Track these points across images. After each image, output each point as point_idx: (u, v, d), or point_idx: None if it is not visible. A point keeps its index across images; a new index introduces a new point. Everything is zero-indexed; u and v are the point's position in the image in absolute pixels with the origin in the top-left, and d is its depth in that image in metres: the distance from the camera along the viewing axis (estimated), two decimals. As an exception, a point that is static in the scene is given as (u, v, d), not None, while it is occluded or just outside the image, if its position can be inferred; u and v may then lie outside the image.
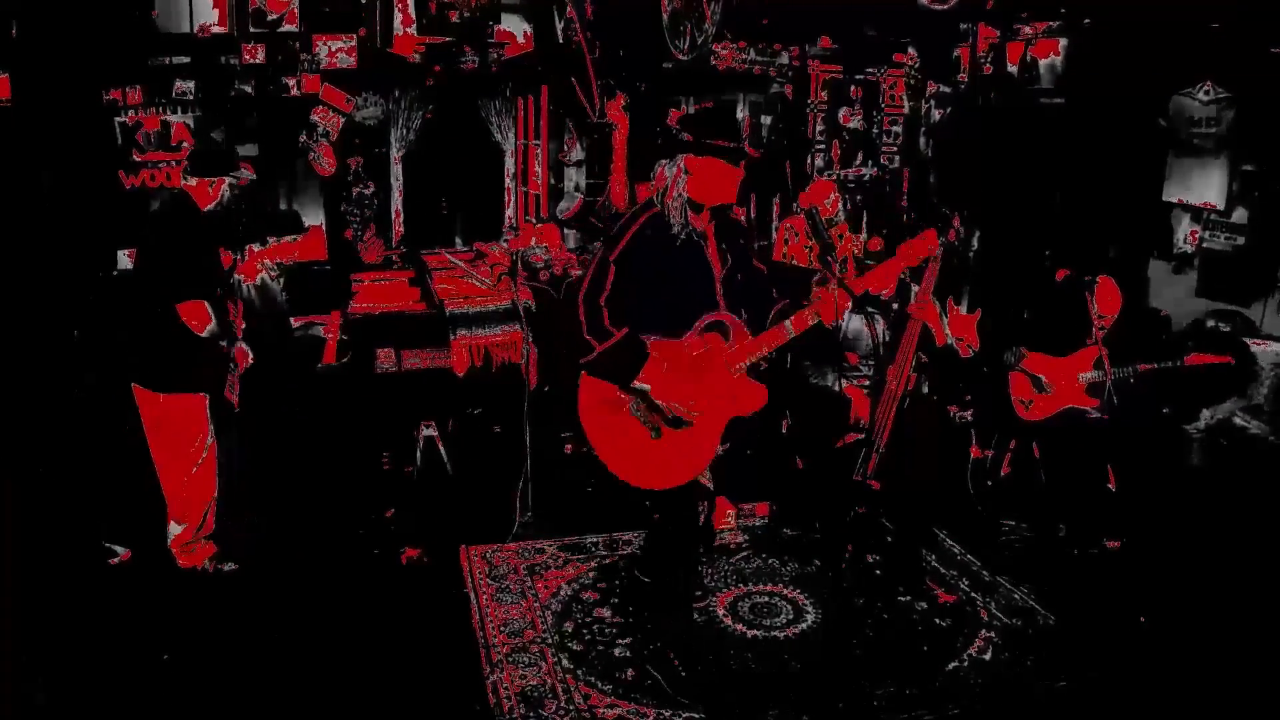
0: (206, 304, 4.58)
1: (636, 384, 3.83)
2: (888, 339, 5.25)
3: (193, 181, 4.76)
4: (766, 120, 8.51)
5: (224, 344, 4.70)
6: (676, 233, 3.87)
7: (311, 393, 6.05)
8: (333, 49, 7.21)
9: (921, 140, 8.76)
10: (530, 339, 5.92)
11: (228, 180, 4.78)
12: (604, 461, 3.97)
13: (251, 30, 7.07)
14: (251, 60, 7.09)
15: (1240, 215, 6.48)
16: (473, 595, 4.81)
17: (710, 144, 3.80)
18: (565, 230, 7.83)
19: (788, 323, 3.88)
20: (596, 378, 3.91)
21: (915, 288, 4.86)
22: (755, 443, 4.20)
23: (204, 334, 4.61)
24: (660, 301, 3.86)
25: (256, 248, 4.98)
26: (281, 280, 5.53)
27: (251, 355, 4.80)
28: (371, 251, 7.59)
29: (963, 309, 7.47)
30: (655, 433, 3.91)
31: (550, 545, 5.35)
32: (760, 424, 4.11)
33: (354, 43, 7.24)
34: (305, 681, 4.13)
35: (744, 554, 5.27)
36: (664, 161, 3.89)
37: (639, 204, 4.03)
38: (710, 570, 5.06)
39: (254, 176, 5.01)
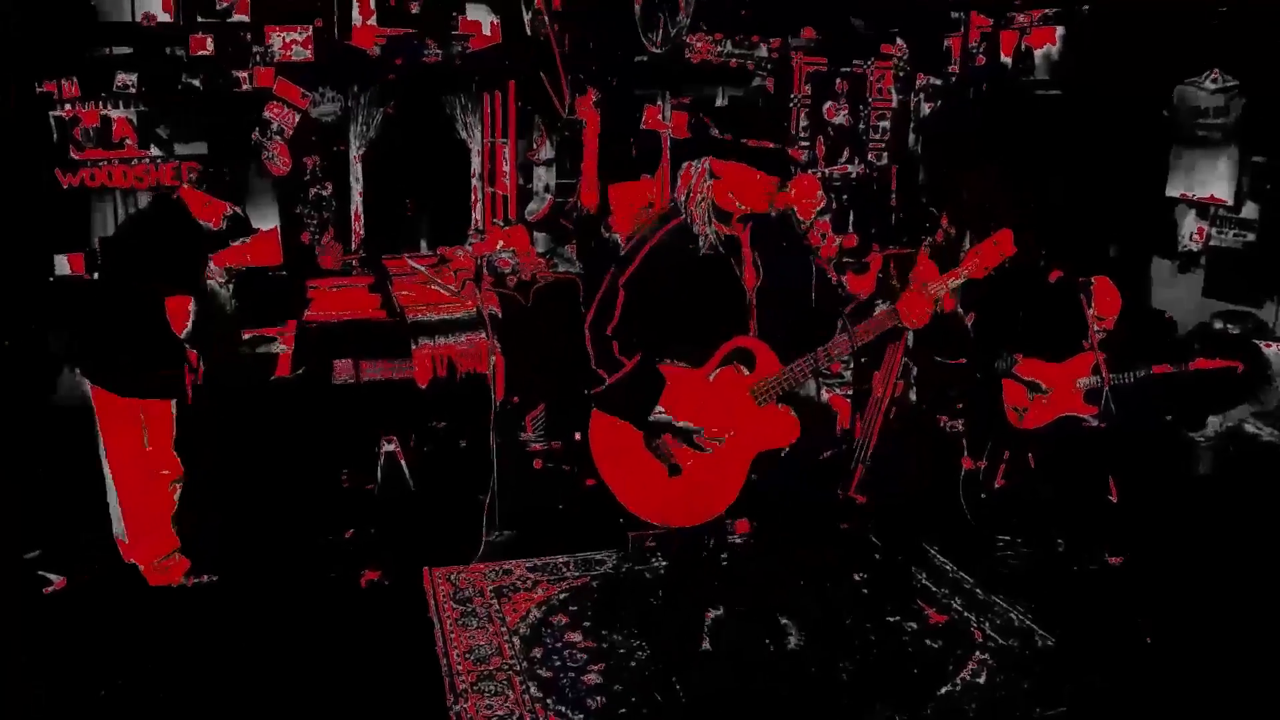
0: (191, 300, 4.77)
1: (653, 416, 3.72)
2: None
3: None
4: (748, 116, 8.52)
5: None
6: (701, 245, 3.70)
7: (265, 406, 6.00)
8: (287, 40, 7.15)
9: (911, 136, 8.79)
10: (497, 348, 5.88)
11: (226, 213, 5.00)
12: (621, 500, 3.89)
13: (199, 20, 7.00)
14: (200, 52, 7.02)
15: (1250, 210, 6.50)
16: (436, 620, 4.79)
17: (747, 146, 3.68)
18: (535, 233, 7.79)
19: (849, 332, 3.73)
20: (607, 413, 3.80)
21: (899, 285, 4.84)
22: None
23: (182, 335, 4.77)
24: (680, 325, 3.73)
25: (205, 252, 4.97)
26: (231, 287, 5.49)
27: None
28: (329, 256, 7.54)
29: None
30: (673, 470, 3.82)
31: (519, 566, 5.34)
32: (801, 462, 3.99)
33: (309, 34, 7.19)
34: (259, 714, 4.09)
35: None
36: (689, 162, 3.73)
37: (658, 213, 3.87)
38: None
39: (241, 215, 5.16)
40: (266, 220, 7.36)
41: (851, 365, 5.86)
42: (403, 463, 6.06)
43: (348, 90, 7.59)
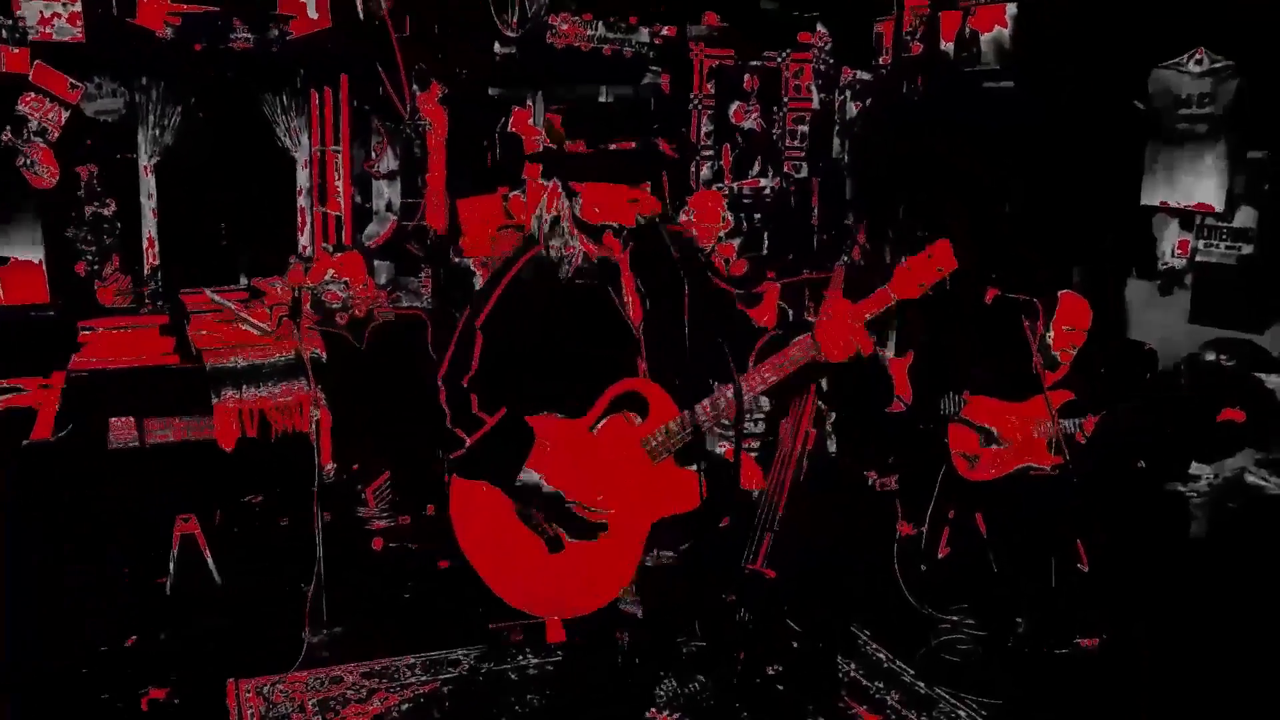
0: None
1: (521, 478, 3.68)
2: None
3: None
4: (638, 119, 8.57)
5: None
6: (565, 270, 3.73)
7: (17, 479, 5.79)
8: (46, 14, 6.94)
9: (835, 142, 8.90)
10: (321, 400, 5.85)
11: None
12: (490, 586, 3.82)
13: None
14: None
15: (1246, 217, 6.54)
16: (240, 745, 4.70)
17: (602, 153, 3.71)
18: (375, 261, 7.71)
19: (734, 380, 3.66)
20: (470, 479, 3.79)
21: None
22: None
23: None
24: (554, 370, 3.75)
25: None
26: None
27: None
28: (113, 291, 7.35)
29: (889, 352, 7.54)
30: (554, 545, 3.76)
31: (351, 671, 5.28)
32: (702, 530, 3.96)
33: (78, 6, 7.00)
34: None
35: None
36: (537, 182, 3.81)
37: (518, 241, 3.91)
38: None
39: None
40: (24, 246, 7.14)
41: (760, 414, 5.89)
42: (204, 548, 5.96)
43: (134, 82, 7.43)
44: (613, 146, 3.76)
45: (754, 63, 8.73)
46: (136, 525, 6.05)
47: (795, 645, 5.36)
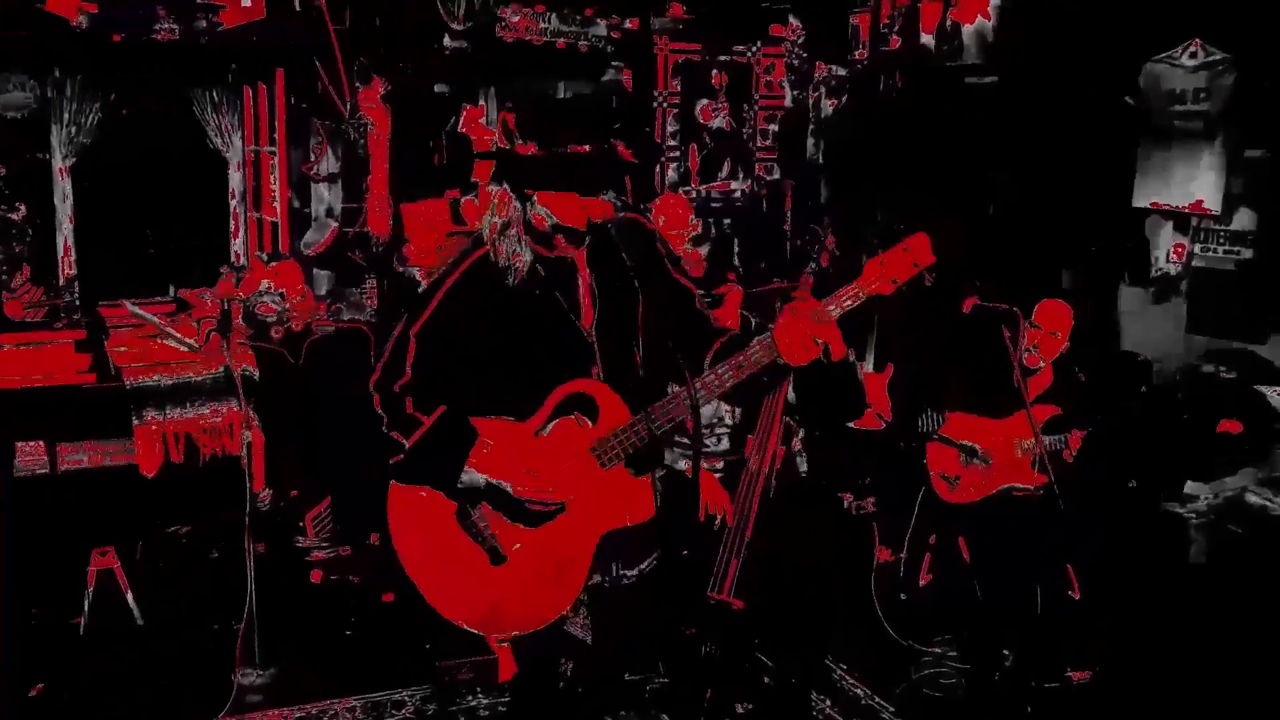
0: None
1: (464, 480, 3.68)
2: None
3: None
4: (598, 117, 8.53)
5: None
6: (511, 277, 3.72)
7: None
8: (-58, 2, 6.88)
9: (809, 142, 8.89)
10: (254, 421, 5.84)
11: None
12: (431, 603, 3.81)
13: None
14: None
15: (1245, 219, 6.57)
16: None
17: (555, 157, 3.66)
18: (315, 271, 7.67)
19: (722, 367, 3.65)
20: (410, 484, 3.77)
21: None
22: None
23: None
24: (497, 376, 3.75)
25: None
26: None
27: None
28: (23, 303, 7.28)
29: (868, 367, 7.54)
30: (495, 557, 3.75)
31: (285, 717, 5.29)
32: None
33: (-20, -8, 6.93)
34: None
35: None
36: (487, 187, 3.79)
37: (460, 246, 3.88)
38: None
39: None
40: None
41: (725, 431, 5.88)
42: (123, 584, 5.90)
43: (46, 75, 7.36)
44: (570, 149, 3.70)
45: (722, 57, 8.73)
46: (47, 560, 5.92)
47: (766, 681, 5.35)
